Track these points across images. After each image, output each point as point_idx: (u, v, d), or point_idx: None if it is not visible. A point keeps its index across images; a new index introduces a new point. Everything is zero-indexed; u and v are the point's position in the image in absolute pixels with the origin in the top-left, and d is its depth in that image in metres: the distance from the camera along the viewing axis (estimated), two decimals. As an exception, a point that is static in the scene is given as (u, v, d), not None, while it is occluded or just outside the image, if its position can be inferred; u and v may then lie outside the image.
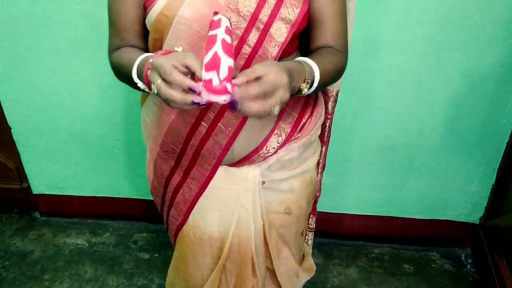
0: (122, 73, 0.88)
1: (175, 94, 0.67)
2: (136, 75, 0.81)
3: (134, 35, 0.91)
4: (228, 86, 0.66)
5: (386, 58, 1.49)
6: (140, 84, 0.80)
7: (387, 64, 1.50)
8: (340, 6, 0.90)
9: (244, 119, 0.88)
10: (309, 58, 0.84)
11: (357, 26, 1.04)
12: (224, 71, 0.66)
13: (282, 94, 0.69)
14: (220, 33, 0.68)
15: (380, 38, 1.45)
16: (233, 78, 0.68)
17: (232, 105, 0.68)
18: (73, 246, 1.87)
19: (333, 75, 0.90)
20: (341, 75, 0.96)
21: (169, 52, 0.73)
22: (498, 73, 1.49)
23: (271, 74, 0.68)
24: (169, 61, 0.67)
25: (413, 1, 1.38)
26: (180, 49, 0.74)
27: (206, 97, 0.66)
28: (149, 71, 0.71)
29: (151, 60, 0.72)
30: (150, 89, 0.74)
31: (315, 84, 0.81)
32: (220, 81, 0.66)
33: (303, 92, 0.79)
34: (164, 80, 0.67)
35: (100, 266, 1.77)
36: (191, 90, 0.66)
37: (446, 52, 1.46)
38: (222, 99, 0.67)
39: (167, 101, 0.69)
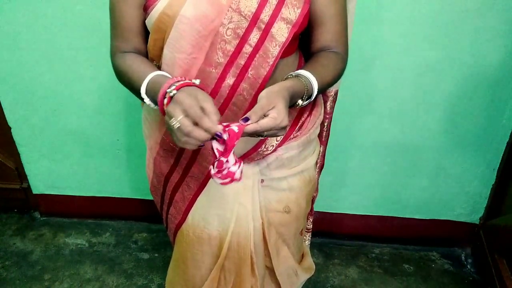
0: (126, 83, 0.89)
1: (200, 133, 0.69)
2: (145, 93, 0.82)
3: (137, 35, 0.91)
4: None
5: (386, 58, 1.49)
6: (147, 101, 0.82)
7: (386, 64, 1.50)
8: (341, 7, 0.91)
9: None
10: (309, 66, 0.86)
11: (357, 26, 1.05)
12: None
13: (279, 133, 0.76)
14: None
15: (379, 38, 1.45)
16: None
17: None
18: (73, 246, 1.87)
19: (332, 82, 0.92)
20: (340, 77, 0.96)
21: (187, 84, 0.75)
22: (498, 73, 1.49)
23: (270, 117, 0.72)
24: (195, 102, 0.70)
25: (413, 2, 1.38)
26: (198, 81, 0.77)
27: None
28: (170, 105, 0.72)
29: (172, 94, 0.73)
30: (160, 108, 0.77)
31: (312, 98, 0.85)
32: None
33: (298, 106, 0.83)
34: (187, 116, 0.70)
35: (100, 266, 1.77)
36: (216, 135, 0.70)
37: (446, 52, 1.46)
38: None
39: (178, 137, 0.71)
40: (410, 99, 1.57)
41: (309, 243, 1.37)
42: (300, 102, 0.82)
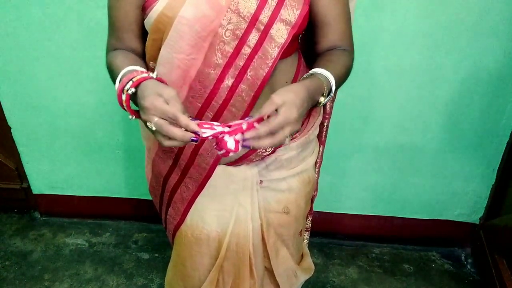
0: (112, 78, 0.90)
1: (177, 132, 0.69)
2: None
3: (132, 35, 0.91)
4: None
5: (386, 58, 1.49)
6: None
7: (386, 64, 1.50)
8: (343, 7, 0.91)
9: (243, 118, 0.88)
10: (322, 64, 0.86)
11: (357, 26, 1.04)
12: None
13: (292, 128, 0.71)
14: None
15: (380, 39, 1.45)
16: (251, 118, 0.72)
17: (245, 145, 0.72)
18: (73, 246, 1.87)
19: (344, 77, 0.92)
20: (350, 73, 0.96)
21: (144, 78, 0.75)
22: (498, 73, 1.49)
23: (280, 114, 0.69)
24: (161, 104, 0.69)
25: (413, 3, 1.38)
26: (155, 74, 0.77)
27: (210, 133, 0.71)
28: (141, 113, 0.72)
29: (131, 92, 0.76)
30: (121, 105, 0.79)
31: (332, 93, 0.84)
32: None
33: (320, 104, 0.82)
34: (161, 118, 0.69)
35: (100, 266, 1.77)
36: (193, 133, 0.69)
37: (446, 52, 1.46)
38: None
39: (161, 140, 0.71)
40: (409, 99, 1.56)
41: (307, 241, 1.37)
42: (322, 99, 0.81)
